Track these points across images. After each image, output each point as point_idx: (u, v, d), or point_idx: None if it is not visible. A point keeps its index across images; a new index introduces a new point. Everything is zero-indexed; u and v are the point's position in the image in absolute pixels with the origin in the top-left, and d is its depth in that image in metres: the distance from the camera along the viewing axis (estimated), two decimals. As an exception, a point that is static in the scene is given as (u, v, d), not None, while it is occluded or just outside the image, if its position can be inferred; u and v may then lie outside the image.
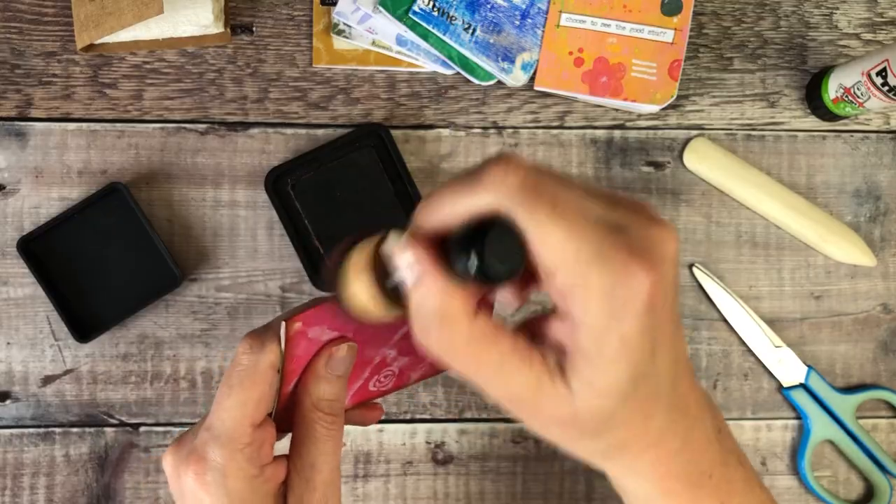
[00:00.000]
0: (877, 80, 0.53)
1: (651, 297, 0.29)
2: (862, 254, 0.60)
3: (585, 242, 0.29)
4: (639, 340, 0.30)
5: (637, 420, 0.33)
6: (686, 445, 0.35)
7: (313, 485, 0.38)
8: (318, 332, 0.38)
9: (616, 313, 0.29)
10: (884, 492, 0.59)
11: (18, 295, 0.57)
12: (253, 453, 0.36)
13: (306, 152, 0.57)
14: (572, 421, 0.32)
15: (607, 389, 0.31)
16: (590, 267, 0.29)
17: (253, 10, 0.58)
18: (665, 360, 0.32)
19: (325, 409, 0.38)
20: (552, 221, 0.29)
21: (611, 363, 0.30)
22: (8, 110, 0.57)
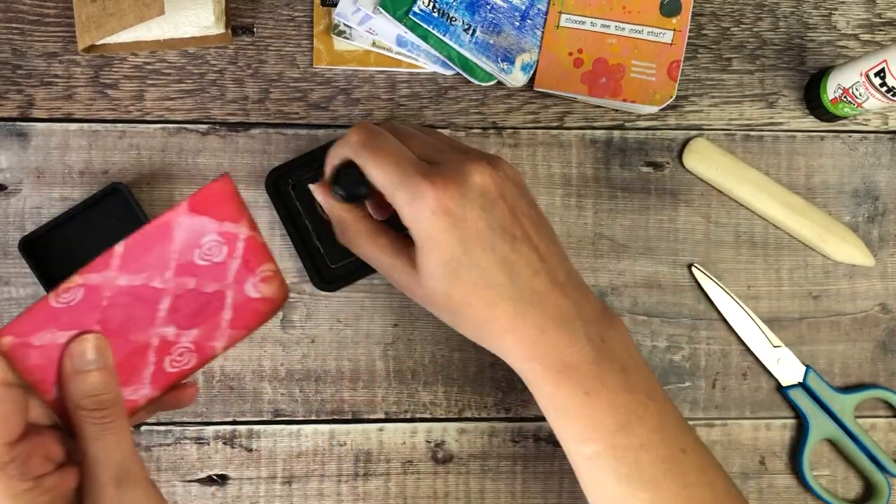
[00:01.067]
0: (875, 80, 0.54)
1: (438, 206, 0.43)
2: (860, 254, 0.60)
3: (393, 172, 0.44)
4: (440, 236, 0.44)
5: (477, 303, 0.44)
6: (544, 336, 0.44)
7: (101, 481, 0.38)
8: (48, 336, 0.37)
9: (415, 217, 0.44)
10: (882, 491, 0.59)
11: (20, 295, 0.57)
12: (17, 470, 0.36)
13: (307, 152, 0.57)
14: (430, 299, 0.46)
15: (430, 272, 0.45)
16: (395, 190, 0.44)
17: (254, 10, 0.59)
18: (486, 258, 0.44)
19: (88, 405, 0.39)
20: (373, 163, 0.45)
21: (426, 251, 0.44)
22: (9, 111, 0.57)
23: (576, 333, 0.44)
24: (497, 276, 0.44)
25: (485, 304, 0.44)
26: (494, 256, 0.44)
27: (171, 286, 0.40)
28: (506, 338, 0.45)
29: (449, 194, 0.43)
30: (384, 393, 0.59)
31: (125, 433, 0.39)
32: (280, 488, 0.58)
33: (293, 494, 0.58)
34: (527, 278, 0.44)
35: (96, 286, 0.39)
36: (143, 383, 0.42)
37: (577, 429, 0.45)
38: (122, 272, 0.39)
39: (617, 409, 0.44)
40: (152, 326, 0.41)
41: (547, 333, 0.44)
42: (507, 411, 0.59)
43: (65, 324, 0.38)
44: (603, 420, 0.44)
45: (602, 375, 0.44)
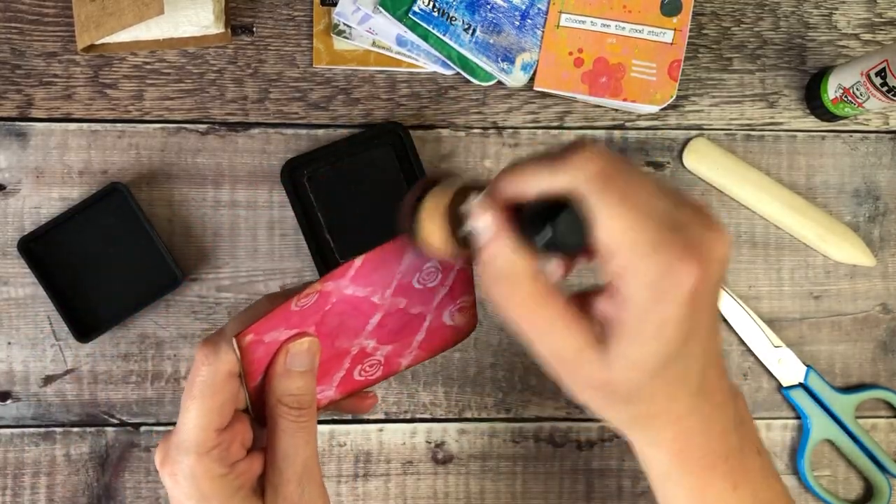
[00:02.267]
0: (876, 80, 0.53)
1: (693, 292, 0.33)
2: (861, 254, 0.60)
3: (644, 235, 0.33)
4: (675, 327, 0.34)
5: (662, 397, 0.37)
6: (705, 428, 0.38)
7: (286, 476, 0.40)
8: (276, 334, 0.39)
9: (659, 299, 0.34)
10: (883, 491, 0.59)
11: (19, 295, 0.57)
12: (220, 454, 0.38)
13: (324, 146, 0.57)
14: (605, 387, 0.36)
15: (640, 364, 0.35)
16: (644, 257, 0.33)
17: (253, 10, 0.59)
18: (697, 348, 0.36)
19: (290, 403, 0.40)
20: (619, 212, 0.33)
21: (646, 341, 0.34)
22: (9, 110, 0.57)
23: (727, 421, 0.39)
24: (694, 369, 0.37)
25: (666, 399, 0.37)
26: (702, 348, 0.36)
27: (386, 304, 0.41)
28: (666, 431, 0.38)
29: (705, 275, 0.33)
30: (384, 393, 0.59)
31: (314, 434, 0.41)
32: (280, 489, 0.58)
33: (293, 495, 0.58)
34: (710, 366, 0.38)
35: (328, 293, 0.39)
36: (330, 385, 0.43)
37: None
38: (353, 283, 0.40)
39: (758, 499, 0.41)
40: (358, 337, 0.42)
41: (708, 424, 0.38)
42: (507, 412, 0.59)
43: (292, 323, 0.40)
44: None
45: (746, 464, 0.40)
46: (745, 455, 0.40)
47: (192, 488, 0.38)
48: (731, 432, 0.39)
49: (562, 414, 0.59)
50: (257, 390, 0.41)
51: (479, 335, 0.59)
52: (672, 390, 0.37)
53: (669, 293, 0.33)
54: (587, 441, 0.59)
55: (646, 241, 0.33)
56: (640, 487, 0.60)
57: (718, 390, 0.38)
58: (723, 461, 0.39)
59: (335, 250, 0.57)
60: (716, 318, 0.37)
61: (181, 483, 0.38)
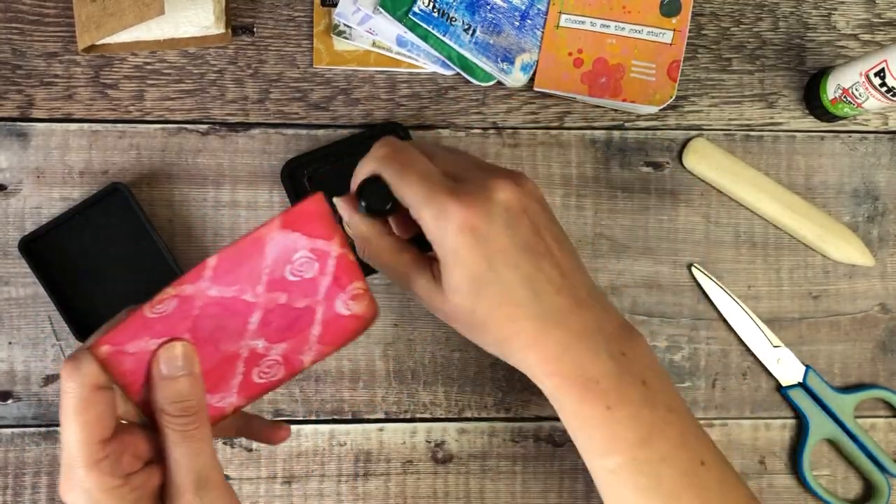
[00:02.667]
0: (875, 80, 0.54)
1: (464, 223, 0.43)
2: (860, 254, 0.60)
3: (420, 188, 0.44)
4: (465, 253, 0.43)
5: (501, 319, 0.44)
6: (567, 352, 0.44)
7: (182, 487, 0.39)
8: (141, 344, 0.39)
9: (442, 234, 0.44)
10: (882, 491, 0.59)
11: (20, 295, 0.57)
12: (110, 466, 0.38)
13: (324, 146, 0.57)
14: (453, 314, 0.46)
15: (456, 287, 0.44)
16: (421, 206, 0.44)
17: (254, 10, 0.59)
18: (511, 275, 0.44)
19: (172, 411, 0.39)
20: (398, 178, 0.45)
21: (451, 268, 0.44)
22: (9, 111, 0.57)
23: (597, 349, 0.45)
24: (521, 293, 0.44)
25: (508, 321, 0.44)
26: (518, 273, 0.44)
27: (262, 300, 0.41)
28: (529, 354, 0.45)
29: (474, 211, 0.43)
30: (384, 393, 0.59)
31: (206, 441, 0.40)
32: (280, 488, 0.58)
33: (293, 494, 0.58)
34: (550, 294, 0.45)
35: (189, 296, 0.39)
36: (230, 392, 0.42)
37: (599, 443, 0.45)
38: (214, 283, 0.39)
39: (638, 423, 0.44)
40: (242, 338, 0.42)
41: (569, 349, 0.44)
42: (507, 411, 0.59)
43: (158, 332, 0.39)
44: (624, 434, 0.44)
45: (623, 390, 0.44)
46: (622, 381, 0.44)
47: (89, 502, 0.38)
48: (602, 359, 0.44)
49: (561, 413, 0.59)
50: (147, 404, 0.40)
51: (479, 335, 0.59)
52: (507, 312, 0.44)
53: (445, 227, 0.43)
54: (587, 441, 0.59)
55: (420, 195, 0.44)
56: (639, 487, 0.60)
57: (577, 321, 0.45)
58: (594, 384, 0.44)
59: None
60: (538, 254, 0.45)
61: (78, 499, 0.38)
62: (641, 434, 0.44)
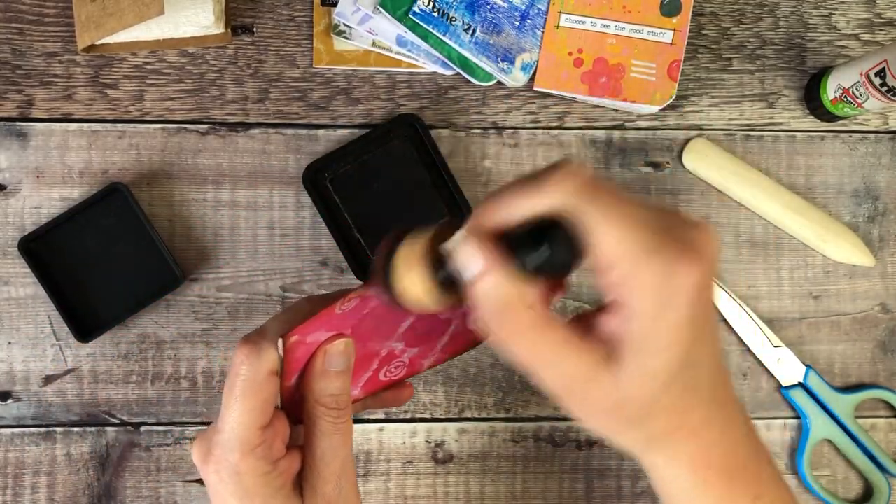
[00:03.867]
0: (875, 80, 0.53)
1: (698, 289, 0.33)
2: (860, 254, 0.60)
3: (641, 238, 0.32)
4: (687, 329, 0.33)
5: (678, 408, 0.35)
6: (723, 438, 0.37)
7: (325, 476, 0.40)
8: (317, 335, 0.40)
9: (667, 302, 0.33)
10: (882, 491, 0.59)
11: (20, 295, 0.57)
12: (264, 452, 0.39)
13: (342, 146, 0.57)
14: (618, 408, 0.35)
15: (653, 376, 0.34)
16: (644, 262, 0.32)
17: (254, 10, 0.59)
18: (704, 353, 0.35)
19: (328, 403, 0.40)
20: (613, 221, 0.32)
21: (659, 350, 0.33)
22: (9, 110, 0.57)
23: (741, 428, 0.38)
24: (705, 376, 0.36)
25: (682, 410, 0.36)
26: (710, 351, 0.36)
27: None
28: (685, 445, 0.37)
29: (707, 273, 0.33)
30: (384, 393, 0.59)
31: (350, 435, 0.41)
32: (280, 488, 0.58)
33: (293, 494, 0.58)
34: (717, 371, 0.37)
35: (368, 298, 0.40)
36: (356, 386, 0.44)
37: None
38: None
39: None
40: (388, 340, 0.43)
41: (726, 434, 0.38)
42: (507, 411, 0.59)
43: (332, 326, 0.40)
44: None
45: (760, 471, 0.39)
46: (761, 464, 0.39)
47: (237, 486, 0.39)
48: (746, 439, 0.39)
49: (562, 414, 0.59)
50: (290, 390, 0.41)
51: (479, 335, 0.59)
52: (686, 401, 0.35)
53: (675, 296, 0.33)
54: (587, 441, 0.59)
55: (643, 246, 0.32)
56: (639, 487, 0.60)
57: (729, 399, 0.38)
58: (742, 471, 0.38)
59: (367, 248, 0.57)
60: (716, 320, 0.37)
61: (226, 481, 0.39)
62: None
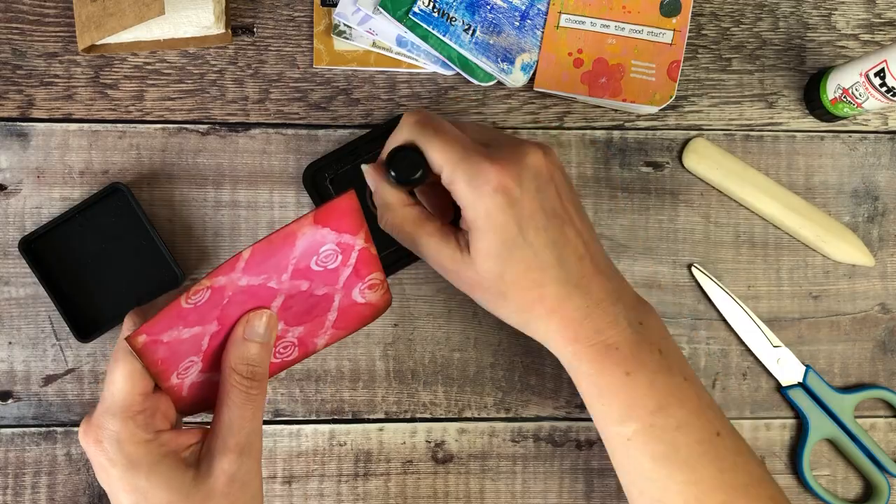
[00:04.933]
0: (875, 80, 0.54)
1: (499, 185, 0.44)
2: (860, 254, 0.60)
3: (455, 151, 0.45)
4: (498, 215, 0.44)
5: (527, 284, 0.45)
6: (588, 319, 0.45)
7: (228, 446, 0.41)
8: (175, 333, 0.40)
9: (477, 195, 0.44)
10: (882, 491, 0.59)
11: (20, 295, 0.57)
12: (145, 420, 0.40)
13: (341, 147, 0.57)
14: (479, 282, 0.46)
15: (486, 251, 0.45)
16: (457, 165, 0.45)
17: (254, 11, 0.59)
18: (539, 239, 0.45)
19: (243, 371, 0.42)
20: (435, 139, 0.46)
21: (483, 231, 0.45)
22: (9, 111, 0.57)
23: (617, 317, 0.46)
24: (547, 258, 0.45)
25: (534, 286, 0.45)
26: (546, 238, 0.45)
27: (285, 287, 0.43)
28: (551, 319, 0.46)
29: (508, 174, 0.44)
30: (384, 393, 0.59)
31: (259, 409, 0.43)
32: (280, 488, 0.58)
33: (293, 494, 0.58)
34: (573, 261, 0.46)
35: (221, 287, 0.41)
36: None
37: (616, 409, 0.46)
38: (245, 274, 0.41)
39: (656, 390, 0.45)
40: None
41: (590, 316, 0.45)
42: (507, 411, 0.59)
43: (190, 321, 0.41)
44: (642, 400, 0.45)
45: (641, 357, 0.45)
46: (641, 349, 0.45)
47: (118, 453, 0.40)
48: (622, 326, 0.45)
49: (561, 413, 0.59)
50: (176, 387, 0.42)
51: (479, 335, 0.59)
52: (533, 277, 0.45)
53: (481, 188, 0.44)
54: (587, 440, 0.60)
55: (460, 155, 0.45)
56: (639, 487, 0.60)
57: (597, 288, 0.46)
58: (614, 350, 0.45)
59: None
60: (563, 219, 0.46)
61: (107, 448, 0.40)
62: (659, 401, 0.45)
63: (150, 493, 0.40)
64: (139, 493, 0.40)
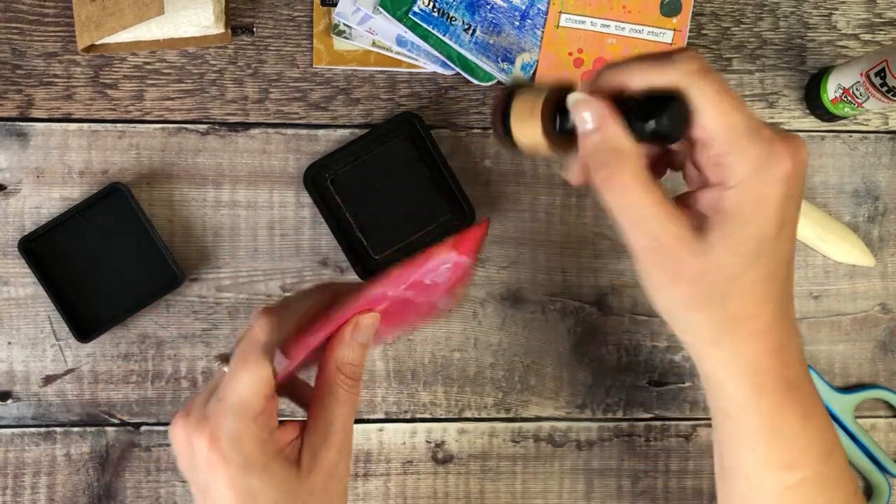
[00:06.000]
0: (875, 80, 0.53)
1: (789, 175, 0.36)
2: (861, 254, 0.60)
3: (744, 118, 0.36)
4: (776, 208, 0.37)
5: (757, 294, 0.38)
6: (783, 349, 0.39)
7: (330, 442, 0.41)
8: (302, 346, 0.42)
9: (761, 176, 0.36)
10: (882, 491, 0.59)
11: (20, 295, 0.57)
12: (265, 421, 0.40)
13: (342, 146, 0.57)
14: (704, 275, 0.37)
15: (737, 243, 0.37)
16: (745, 138, 0.36)
17: (253, 10, 0.59)
18: (785, 246, 0.38)
19: (348, 372, 0.42)
20: (721, 100, 0.36)
21: (745, 220, 0.37)
22: (9, 110, 0.57)
23: (799, 347, 0.40)
24: (783, 273, 0.38)
25: (761, 300, 0.38)
26: (789, 248, 0.38)
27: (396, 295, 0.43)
28: (752, 343, 0.39)
29: (799, 164, 0.37)
30: (384, 393, 0.59)
31: (355, 409, 0.42)
32: (280, 488, 0.58)
33: (293, 494, 0.58)
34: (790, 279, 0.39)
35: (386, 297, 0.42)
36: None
37: (786, 454, 0.40)
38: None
39: (825, 437, 0.41)
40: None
41: (787, 347, 0.39)
42: (507, 411, 0.59)
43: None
44: (814, 447, 0.41)
45: (814, 398, 0.41)
46: (812, 390, 0.40)
47: (235, 451, 0.39)
48: (804, 365, 0.40)
49: (561, 414, 0.59)
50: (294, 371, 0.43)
51: (479, 335, 0.59)
52: (764, 288, 0.38)
53: (770, 171, 0.36)
54: (587, 441, 0.59)
55: (747, 124, 0.36)
56: (639, 487, 0.60)
57: (791, 314, 0.39)
58: (796, 389, 0.39)
59: (369, 248, 0.57)
60: (796, 226, 0.39)
61: (223, 447, 0.39)
62: (826, 448, 0.41)
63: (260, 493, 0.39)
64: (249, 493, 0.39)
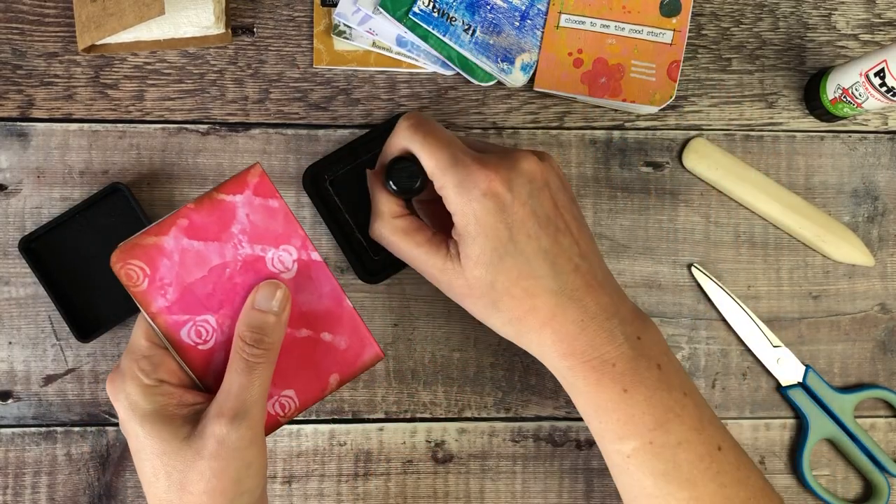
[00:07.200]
0: (875, 80, 0.54)
1: (489, 189, 0.44)
2: (860, 254, 0.60)
3: (448, 154, 0.45)
4: (488, 220, 0.44)
5: (519, 293, 0.44)
6: (583, 332, 0.44)
7: (221, 410, 0.41)
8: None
9: (464, 200, 0.44)
10: (882, 491, 0.59)
11: (20, 295, 0.57)
12: (148, 367, 0.42)
13: (341, 147, 0.57)
14: (469, 290, 0.45)
15: (476, 258, 0.44)
16: (450, 170, 0.45)
17: (254, 11, 0.59)
18: (531, 246, 0.44)
19: (247, 339, 0.42)
20: (426, 144, 0.46)
21: (472, 237, 0.44)
22: (10, 111, 0.57)
23: (613, 331, 0.45)
24: (540, 267, 0.44)
25: (526, 295, 0.44)
26: (538, 246, 0.44)
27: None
28: (544, 332, 0.45)
29: (498, 178, 0.44)
30: (384, 393, 0.59)
31: (262, 381, 0.42)
32: (280, 488, 0.58)
33: (293, 494, 0.58)
34: (567, 272, 0.45)
35: None
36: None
37: (615, 426, 0.45)
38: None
39: (655, 406, 0.44)
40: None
41: (586, 330, 0.44)
42: (507, 411, 0.59)
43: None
44: (641, 417, 0.44)
45: (639, 373, 0.44)
46: (638, 364, 0.44)
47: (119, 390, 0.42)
48: (618, 342, 0.44)
49: (561, 413, 0.59)
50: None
51: (479, 335, 0.59)
52: (525, 286, 0.44)
53: (470, 192, 0.44)
54: (587, 440, 0.60)
55: (451, 159, 0.45)
56: (639, 487, 0.60)
57: (593, 302, 0.45)
58: (610, 366, 0.44)
59: (369, 249, 0.57)
60: (558, 229, 0.45)
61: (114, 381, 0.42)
62: (658, 418, 0.44)
63: (145, 440, 0.41)
64: (137, 440, 0.41)
